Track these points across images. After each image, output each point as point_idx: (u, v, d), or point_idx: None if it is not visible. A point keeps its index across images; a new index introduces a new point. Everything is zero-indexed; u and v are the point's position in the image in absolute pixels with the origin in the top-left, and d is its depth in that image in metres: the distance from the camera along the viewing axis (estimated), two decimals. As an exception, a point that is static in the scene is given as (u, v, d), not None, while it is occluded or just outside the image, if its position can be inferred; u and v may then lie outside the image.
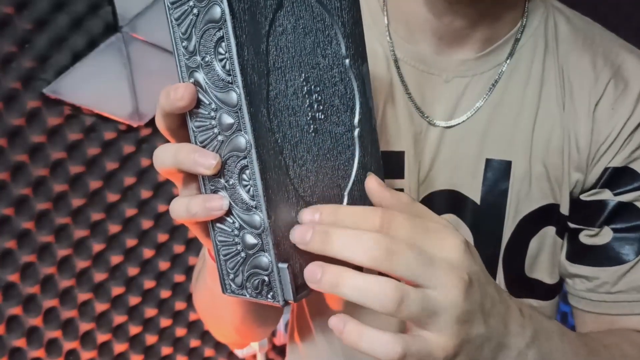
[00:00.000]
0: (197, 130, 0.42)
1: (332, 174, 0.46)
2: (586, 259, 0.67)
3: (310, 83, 0.44)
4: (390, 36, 0.66)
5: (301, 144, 0.44)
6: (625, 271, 0.66)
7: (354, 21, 0.48)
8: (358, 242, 0.39)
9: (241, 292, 0.44)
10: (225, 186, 0.42)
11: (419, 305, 0.40)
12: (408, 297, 0.39)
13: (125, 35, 1.28)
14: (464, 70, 0.65)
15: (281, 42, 0.42)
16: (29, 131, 1.21)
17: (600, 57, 0.65)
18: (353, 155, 0.48)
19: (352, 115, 0.48)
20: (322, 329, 0.76)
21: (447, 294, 0.40)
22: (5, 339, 1.25)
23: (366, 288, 0.39)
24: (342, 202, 0.47)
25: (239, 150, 0.41)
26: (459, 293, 0.41)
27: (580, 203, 0.66)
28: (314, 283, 0.41)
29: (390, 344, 0.40)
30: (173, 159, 0.43)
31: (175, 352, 1.49)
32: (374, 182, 0.46)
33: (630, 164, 0.64)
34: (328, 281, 0.40)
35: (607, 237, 0.66)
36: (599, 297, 0.67)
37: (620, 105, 0.63)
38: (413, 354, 0.40)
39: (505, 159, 0.65)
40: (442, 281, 0.40)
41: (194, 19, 0.40)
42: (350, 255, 0.40)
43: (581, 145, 0.64)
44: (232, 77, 0.40)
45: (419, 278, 0.40)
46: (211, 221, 0.44)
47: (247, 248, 0.43)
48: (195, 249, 1.46)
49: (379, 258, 0.39)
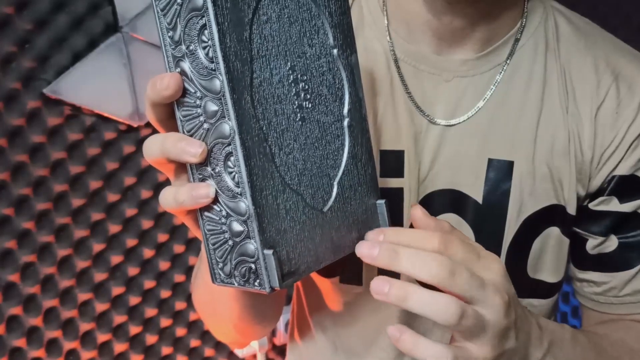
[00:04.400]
0: (184, 119, 0.43)
1: (321, 163, 0.46)
2: (594, 266, 0.69)
3: (297, 72, 0.45)
4: (390, 36, 0.66)
5: (288, 132, 0.44)
6: (632, 276, 0.67)
7: (341, 11, 0.48)
8: (424, 262, 0.45)
9: (230, 280, 0.45)
10: (212, 174, 0.43)
11: (474, 320, 0.46)
12: (467, 313, 0.45)
13: (125, 35, 1.28)
14: (464, 70, 0.65)
15: (265, 30, 0.43)
16: (29, 131, 1.21)
17: (602, 60, 0.65)
18: (343, 145, 0.48)
19: (341, 105, 0.48)
20: (322, 328, 0.76)
21: (494, 312, 0.47)
22: (5, 339, 1.25)
23: (432, 302, 0.45)
24: (332, 191, 0.47)
25: (224, 138, 0.41)
26: (502, 312, 0.47)
27: (587, 212, 0.67)
28: (382, 295, 0.46)
29: (443, 353, 0.46)
30: (160, 149, 0.43)
31: (175, 352, 1.49)
32: (419, 212, 0.51)
33: (637, 172, 0.65)
34: (395, 294, 0.45)
35: (613, 245, 0.67)
36: (607, 300, 0.69)
37: (624, 109, 0.64)
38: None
39: (508, 159, 0.65)
40: (491, 301, 0.46)
41: (178, 8, 0.41)
42: (417, 273, 0.45)
43: (585, 148, 0.64)
44: (215, 64, 0.40)
45: (473, 297, 0.46)
46: (200, 210, 0.44)
47: (234, 236, 0.43)
48: (195, 248, 1.46)
49: (442, 277, 0.45)
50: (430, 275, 0.45)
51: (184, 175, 0.45)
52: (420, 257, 0.45)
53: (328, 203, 0.47)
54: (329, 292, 0.72)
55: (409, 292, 0.45)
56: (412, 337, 0.46)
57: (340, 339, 0.74)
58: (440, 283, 0.45)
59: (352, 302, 0.71)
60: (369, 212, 0.50)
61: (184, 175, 0.46)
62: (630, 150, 0.64)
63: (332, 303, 0.73)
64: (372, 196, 0.51)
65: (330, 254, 0.48)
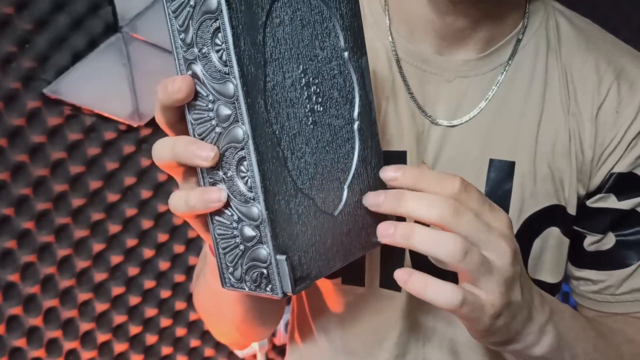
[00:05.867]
0: (195, 122, 0.42)
1: (332, 167, 0.46)
2: (591, 264, 0.69)
3: (309, 75, 0.44)
4: (392, 36, 0.66)
5: (300, 136, 0.44)
6: (629, 274, 0.67)
7: (352, 14, 0.48)
8: (430, 203, 0.44)
9: (240, 285, 0.45)
10: (224, 178, 0.42)
11: (480, 260, 0.45)
12: (472, 251, 0.44)
13: (125, 35, 1.28)
14: (465, 70, 0.65)
15: (278, 33, 0.42)
16: (29, 131, 1.21)
17: (603, 60, 0.65)
18: (353, 149, 0.48)
19: (351, 108, 0.48)
20: (323, 328, 0.76)
21: (500, 257, 0.46)
22: (5, 339, 1.25)
23: (437, 239, 0.44)
24: (342, 195, 0.47)
25: (237, 142, 0.41)
26: (509, 259, 0.46)
27: (585, 210, 0.67)
28: (388, 237, 0.46)
29: (453, 293, 0.44)
30: (171, 152, 0.43)
31: (175, 352, 1.49)
32: None
33: (635, 170, 0.65)
34: (401, 234, 0.45)
35: (610, 242, 0.67)
36: (603, 298, 0.69)
37: (624, 108, 0.64)
38: (469, 304, 0.45)
39: (509, 160, 0.65)
40: (497, 246, 0.46)
41: (190, 10, 0.40)
42: (423, 214, 0.45)
43: (585, 148, 0.64)
44: (228, 67, 0.40)
45: (480, 240, 0.45)
46: (210, 214, 0.44)
47: (245, 240, 0.43)
48: (195, 249, 1.46)
49: (447, 216, 0.44)
50: (436, 214, 0.44)
51: (193, 178, 0.45)
52: (426, 199, 0.45)
53: (339, 207, 0.47)
54: (330, 293, 0.72)
55: (414, 229, 0.44)
56: (422, 277, 0.45)
57: (342, 340, 0.73)
58: (445, 222, 0.44)
59: (354, 303, 0.71)
60: (377, 215, 0.50)
61: (192, 179, 0.45)
62: (630, 148, 0.64)
63: (334, 304, 0.72)
64: None
65: (341, 258, 0.47)
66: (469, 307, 0.45)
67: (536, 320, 0.51)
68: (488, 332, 0.48)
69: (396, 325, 0.69)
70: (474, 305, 0.45)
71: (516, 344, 0.51)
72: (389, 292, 0.68)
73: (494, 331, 0.48)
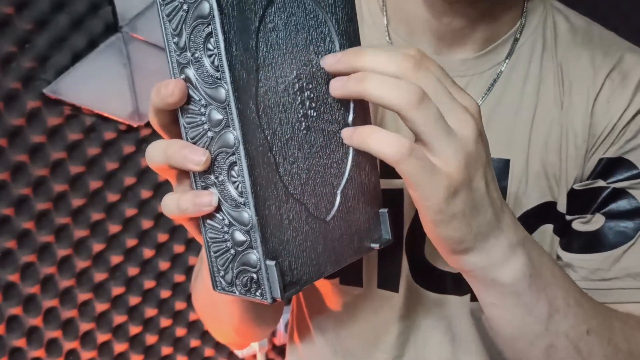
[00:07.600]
0: (188, 126, 0.43)
1: (325, 172, 0.46)
2: (579, 246, 0.66)
3: (303, 80, 0.44)
4: (389, 36, 0.66)
5: (292, 142, 0.44)
6: (619, 256, 0.64)
7: (348, 18, 0.47)
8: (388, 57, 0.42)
9: (231, 289, 0.45)
10: (215, 182, 0.42)
11: (436, 115, 0.41)
12: (429, 103, 0.41)
13: (125, 35, 1.28)
14: (463, 69, 0.65)
15: (272, 38, 0.42)
16: (29, 131, 1.21)
17: (599, 53, 0.65)
18: (347, 154, 0.48)
19: (346, 113, 0.47)
20: (321, 329, 0.76)
21: (463, 127, 0.42)
22: (5, 339, 1.25)
23: (392, 82, 0.41)
24: (335, 200, 0.47)
25: (228, 147, 0.41)
26: (472, 133, 0.43)
27: (573, 192, 0.66)
28: (340, 88, 0.43)
29: (400, 140, 0.41)
30: (163, 155, 0.43)
31: (175, 352, 1.49)
32: None
33: (624, 155, 0.64)
34: (354, 78, 0.42)
35: (599, 223, 0.65)
36: (594, 285, 0.64)
37: (617, 97, 0.63)
38: (419, 159, 0.41)
39: (504, 158, 0.65)
40: (460, 114, 0.43)
41: (184, 15, 0.40)
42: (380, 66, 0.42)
43: (579, 141, 0.64)
44: (220, 72, 0.40)
45: (440, 100, 0.42)
46: (202, 217, 0.44)
47: (236, 245, 0.43)
48: (195, 249, 1.46)
49: (407, 69, 0.41)
50: (394, 67, 0.41)
51: (186, 180, 0.45)
52: (385, 54, 0.42)
53: (331, 212, 0.47)
54: (328, 294, 0.72)
55: (368, 74, 0.42)
56: (368, 127, 0.43)
57: (340, 341, 0.73)
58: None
59: (351, 304, 0.71)
60: (371, 221, 0.50)
61: (186, 181, 0.45)
62: (619, 136, 0.63)
63: (332, 305, 0.72)
64: (374, 205, 0.50)
65: (332, 264, 0.47)
66: (418, 164, 0.41)
67: (505, 232, 0.46)
68: (444, 216, 0.43)
69: (393, 326, 0.69)
70: (424, 163, 0.41)
71: (479, 254, 0.46)
72: (387, 293, 0.68)
73: (449, 217, 0.43)
